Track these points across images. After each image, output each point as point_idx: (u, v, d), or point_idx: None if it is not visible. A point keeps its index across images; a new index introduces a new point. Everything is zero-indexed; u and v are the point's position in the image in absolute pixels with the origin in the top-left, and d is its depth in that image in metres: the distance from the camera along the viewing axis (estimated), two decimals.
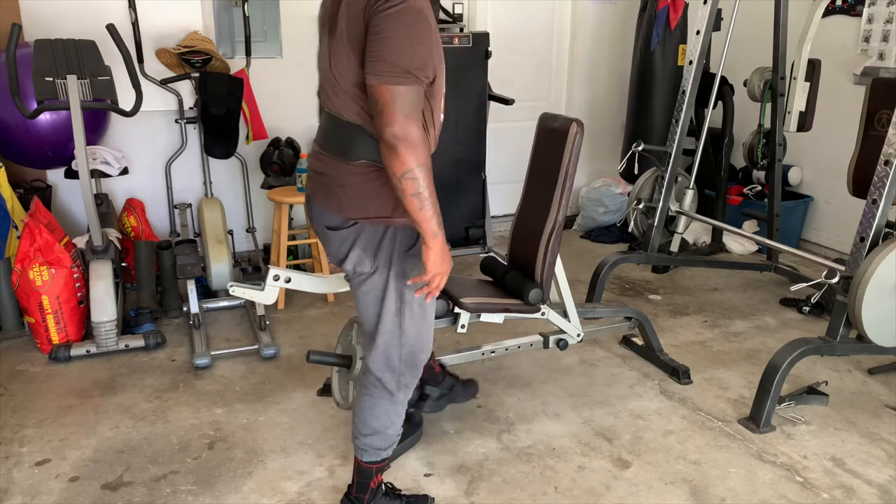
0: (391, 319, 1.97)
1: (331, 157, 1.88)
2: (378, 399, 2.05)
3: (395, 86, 1.67)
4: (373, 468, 2.12)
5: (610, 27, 5.29)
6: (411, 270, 1.93)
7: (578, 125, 2.62)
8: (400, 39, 1.67)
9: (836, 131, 4.43)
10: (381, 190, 1.85)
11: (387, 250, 1.91)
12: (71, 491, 2.35)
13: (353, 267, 1.93)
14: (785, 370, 2.69)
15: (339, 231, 1.91)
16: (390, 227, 1.89)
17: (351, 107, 1.80)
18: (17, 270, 3.26)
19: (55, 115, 3.56)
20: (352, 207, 1.87)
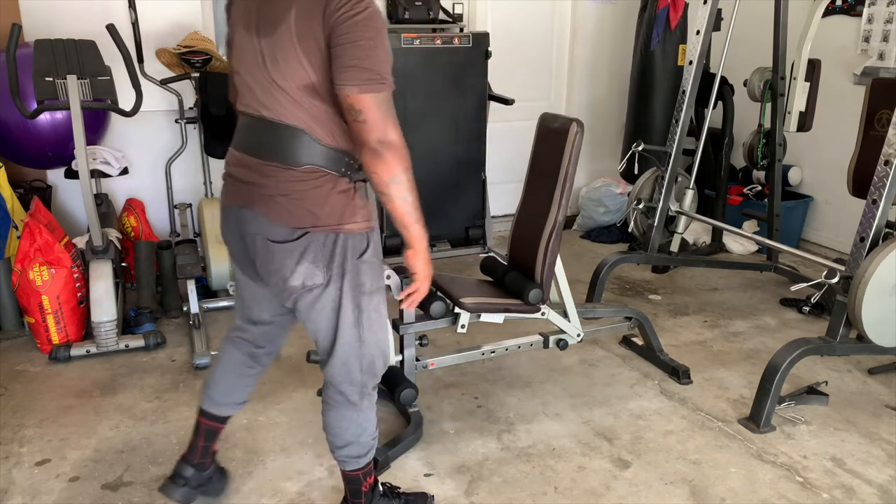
0: (350, 332, 1.89)
1: (267, 164, 1.77)
2: (344, 411, 2.00)
3: (375, 93, 1.65)
4: (359, 474, 2.08)
5: (610, 27, 5.29)
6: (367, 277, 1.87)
7: (578, 125, 2.62)
8: (373, 46, 1.65)
9: (836, 131, 4.43)
10: (329, 196, 1.78)
11: (339, 259, 1.82)
12: (71, 491, 2.35)
13: (303, 281, 1.80)
14: (785, 370, 2.69)
15: (285, 244, 1.78)
16: (341, 235, 1.80)
17: (293, 110, 1.72)
18: (17, 270, 3.26)
19: (55, 115, 3.56)
20: (300, 216, 1.76)
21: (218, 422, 2.17)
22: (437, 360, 2.77)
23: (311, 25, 1.63)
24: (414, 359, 2.71)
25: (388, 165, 1.69)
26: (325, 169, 1.77)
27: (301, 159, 1.75)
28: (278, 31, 1.67)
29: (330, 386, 2.00)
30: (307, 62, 1.66)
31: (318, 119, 1.73)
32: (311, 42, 1.65)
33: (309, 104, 1.71)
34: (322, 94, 1.70)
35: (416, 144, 4.81)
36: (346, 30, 1.62)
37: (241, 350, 2.13)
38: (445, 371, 3.10)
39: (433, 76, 4.36)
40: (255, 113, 1.77)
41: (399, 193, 1.73)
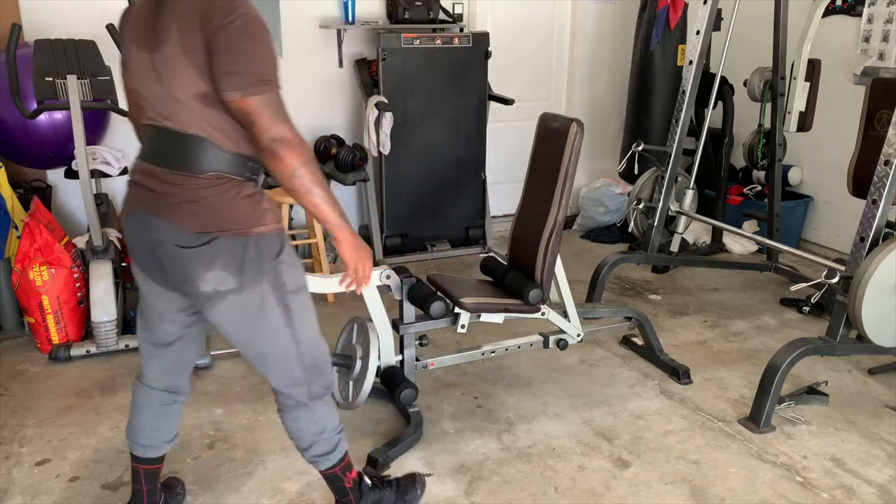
0: (283, 333, 1.89)
1: (171, 172, 1.78)
2: (298, 413, 2.00)
3: (258, 95, 1.68)
4: (336, 471, 2.08)
5: (610, 27, 5.29)
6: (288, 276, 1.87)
7: (578, 125, 2.62)
8: (250, 51, 1.68)
9: (836, 131, 4.43)
10: (235, 201, 1.79)
11: (253, 264, 1.81)
12: (71, 491, 2.35)
13: (214, 287, 1.79)
14: (785, 370, 2.69)
15: (194, 249, 1.78)
16: (251, 239, 1.80)
17: (193, 119, 1.75)
18: (17, 270, 3.26)
19: (55, 115, 3.56)
20: (207, 222, 1.77)
21: (154, 463, 2.12)
22: (437, 360, 2.77)
23: (193, 37, 1.67)
24: (414, 359, 2.71)
25: (285, 162, 1.71)
26: (229, 175, 1.79)
27: (204, 167, 1.77)
28: (166, 46, 1.71)
29: (277, 392, 1.99)
30: (196, 73, 1.69)
31: (218, 126, 1.76)
32: (196, 53, 1.68)
33: (207, 113, 1.74)
34: (217, 102, 1.72)
35: (416, 144, 4.87)
36: (222, 38, 1.66)
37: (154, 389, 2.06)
38: (445, 371, 3.10)
39: (433, 76, 4.36)
40: (158, 124, 1.79)
41: (304, 187, 1.74)
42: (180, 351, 2.03)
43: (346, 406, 2.61)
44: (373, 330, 2.56)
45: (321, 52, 4.53)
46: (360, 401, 2.54)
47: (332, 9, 4.49)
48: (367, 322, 2.60)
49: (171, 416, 2.10)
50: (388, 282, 2.59)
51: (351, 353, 2.62)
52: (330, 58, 4.56)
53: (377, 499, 2.18)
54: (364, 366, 2.54)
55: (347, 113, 4.70)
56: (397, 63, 4.26)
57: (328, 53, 4.55)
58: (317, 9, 4.46)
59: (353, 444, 2.59)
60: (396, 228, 4.53)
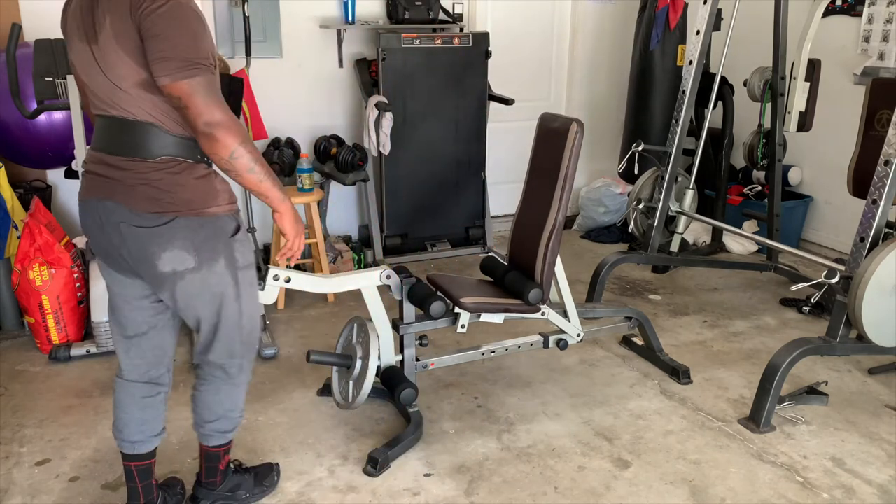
0: (232, 306, 1.97)
1: (125, 159, 1.82)
2: (220, 385, 2.08)
3: (187, 80, 1.69)
4: (220, 451, 2.16)
5: (610, 27, 5.29)
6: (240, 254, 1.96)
7: (578, 125, 2.62)
8: (178, 36, 1.70)
9: (836, 131, 4.43)
10: (188, 182, 1.84)
11: (210, 242, 1.89)
12: (71, 491, 2.35)
13: (173, 267, 1.85)
14: (785, 370, 2.69)
15: (151, 229, 1.83)
16: (207, 219, 1.87)
17: (140, 106, 1.78)
18: (17, 270, 3.26)
19: (55, 115, 3.56)
20: (163, 203, 1.82)
21: (145, 459, 2.12)
22: (437, 360, 2.77)
23: (125, 27, 1.70)
24: (414, 359, 2.71)
25: (223, 143, 1.74)
26: (180, 157, 1.83)
27: (155, 151, 1.81)
28: (102, 37, 1.73)
29: (209, 364, 2.05)
30: (134, 62, 1.72)
31: (165, 111, 1.79)
32: (130, 42, 1.71)
33: (151, 99, 1.77)
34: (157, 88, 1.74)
35: (416, 144, 4.87)
36: (150, 24, 1.68)
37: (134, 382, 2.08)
38: (445, 371, 3.10)
39: (433, 76, 4.36)
40: (107, 114, 1.82)
41: (244, 167, 1.79)
42: (155, 340, 2.05)
43: (346, 406, 2.61)
44: (373, 330, 2.56)
45: (321, 52, 4.53)
46: (360, 401, 2.54)
47: (332, 9, 4.49)
48: (367, 322, 2.60)
49: (155, 409, 2.10)
50: (388, 282, 2.59)
51: (351, 353, 2.62)
52: (330, 58, 4.56)
53: (238, 482, 2.27)
54: (364, 366, 2.54)
55: (347, 113, 4.70)
56: (397, 63, 4.26)
57: (328, 53, 4.55)
58: (317, 9, 4.46)
59: (353, 443, 2.60)
60: (396, 228, 4.53)
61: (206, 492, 2.23)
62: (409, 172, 4.46)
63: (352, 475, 2.44)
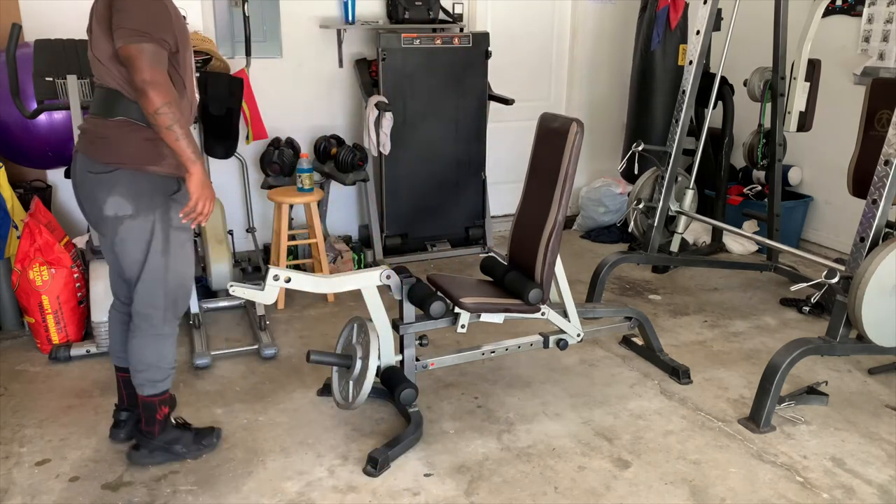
0: (158, 259, 2.27)
1: (95, 118, 2.25)
2: (147, 337, 2.35)
3: (136, 44, 2.07)
4: (155, 401, 2.41)
5: (610, 27, 5.29)
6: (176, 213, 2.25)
7: (578, 125, 2.62)
8: (134, 10, 2.09)
9: (836, 131, 4.43)
10: (135, 140, 2.20)
11: (147, 196, 2.22)
12: (71, 491, 2.35)
13: (115, 212, 2.21)
14: (785, 370, 2.69)
15: (99, 175, 2.21)
16: (147, 175, 2.21)
17: (110, 76, 2.19)
18: (17, 270, 3.26)
19: (55, 115, 3.56)
20: (110, 153, 2.20)
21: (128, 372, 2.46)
22: (437, 360, 2.77)
23: (105, 8, 2.13)
24: (414, 359, 2.71)
25: (150, 100, 2.08)
26: (134, 120, 2.20)
27: (114, 112, 2.21)
28: (94, 20, 2.20)
29: (136, 314, 2.35)
30: (107, 38, 2.14)
31: (127, 80, 2.16)
32: (106, 21, 2.13)
33: (117, 69, 2.17)
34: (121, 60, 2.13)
35: (416, 144, 4.86)
36: (117, 5, 2.10)
37: (120, 311, 2.49)
38: (445, 371, 3.10)
39: (433, 76, 4.36)
40: (95, 83, 2.27)
41: (165, 123, 2.10)
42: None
43: (347, 406, 2.61)
44: (373, 330, 2.56)
45: (321, 52, 4.53)
46: (360, 401, 2.54)
47: (332, 9, 4.49)
48: (367, 322, 2.60)
49: None
50: (388, 282, 2.59)
51: (351, 353, 2.62)
52: (330, 58, 4.56)
53: (176, 436, 2.48)
54: (364, 366, 2.54)
55: (347, 113, 4.70)
56: (397, 63, 4.26)
57: (328, 53, 4.55)
58: (317, 9, 4.46)
59: (353, 443, 2.60)
60: (396, 228, 4.53)
61: (145, 440, 2.46)
62: (409, 172, 4.46)
63: (352, 475, 2.44)
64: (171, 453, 2.46)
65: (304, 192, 3.88)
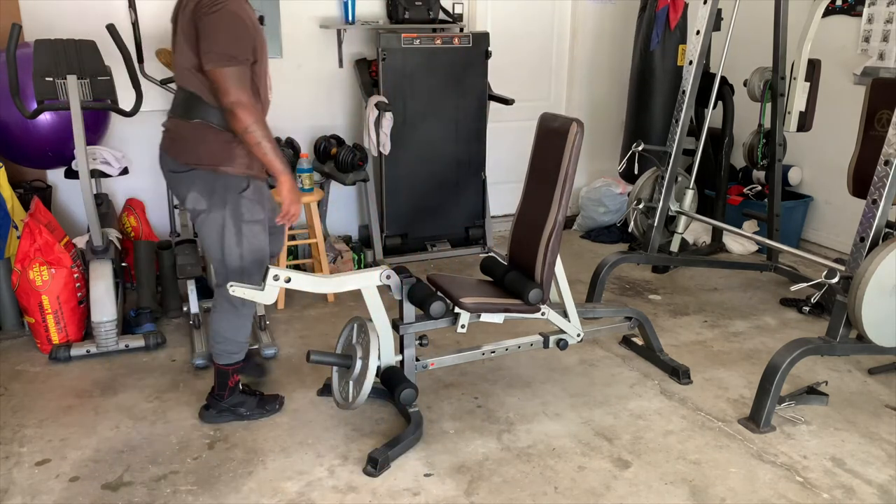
0: (232, 249, 2.50)
1: (176, 118, 2.47)
2: (227, 313, 2.59)
3: (223, 68, 2.27)
4: (229, 370, 2.66)
5: (610, 27, 5.29)
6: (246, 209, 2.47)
7: (578, 125, 2.62)
8: (221, 34, 2.28)
9: (836, 131, 4.43)
10: (210, 143, 2.41)
11: (220, 193, 2.44)
12: (71, 491, 2.35)
13: (193, 206, 2.47)
14: (785, 370, 2.69)
15: (178, 174, 2.46)
16: (220, 175, 2.42)
17: (191, 81, 2.40)
18: (17, 270, 3.26)
19: (55, 115, 3.56)
20: (188, 154, 2.43)
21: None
22: (437, 360, 2.77)
23: (189, 24, 2.32)
24: (414, 359, 2.71)
25: (240, 120, 2.30)
26: (211, 123, 2.40)
27: (193, 115, 2.42)
28: (178, 29, 2.40)
29: (218, 292, 2.58)
30: (190, 50, 2.35)
31: (208, 88, 2.37)
32: (191, 36, 2.33)
33: (198, 77, 2.37)
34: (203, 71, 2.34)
35: (416, 144, 4.86)
36: (203, 25, 2.29)
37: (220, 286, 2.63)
38: (445, 371, 3.10)
39: (433, 76, 4.36)
40: (177, 85, 2.48)
41: (254, 140, 2.34)
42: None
43: (347, 406, 2.61)
44: (373, 330, 2.56)
45: (321, 52, 4.53)
46: (360, 401, 2.54)
47: (332, 9, 4.49)
48: (367, 322, 2.60)
49: None
50: (388, 282, 2.59)
51: (351, 353, 2.62)
52: (330, 58, 4.56)
53: (242, 401, 2.73)
54: (364, 366, 2.54)
55: (347, 113, 4.70)
56: (397, 63, 4.26)
57: (328, 53, 4.55)
58: (317, 9, 4.46)
59: (353, 443, 2.61)
60: (396, 228, 4.53)
61: (214, 402, 2.72)
62: (409, 172, 4.46)
63: (352, 475, 2.44)
64: (236, 415, 2.72)
65: (304, 192, 3.88)
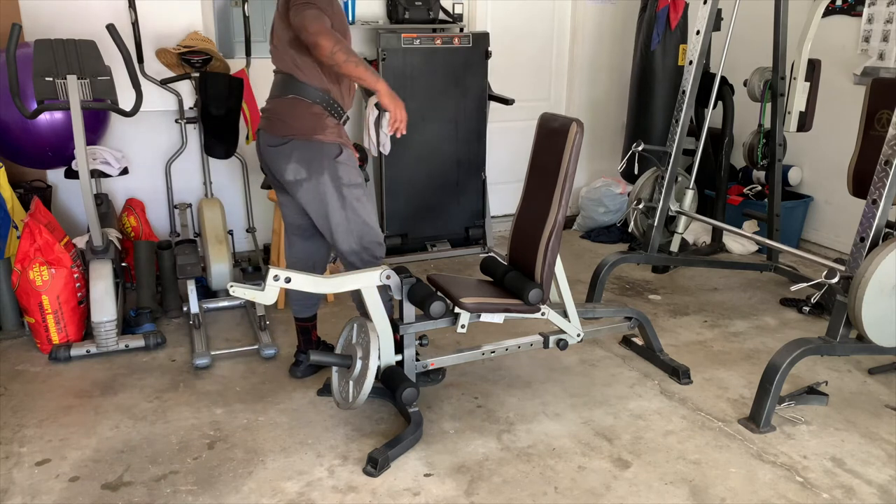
0: (338, 213, 2.64)
1: (273, 99, 2.68)
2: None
3: (304, 11, 2.44)
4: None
5: (610, 27, 5.30)
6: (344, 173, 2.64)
7: (578, 125, 2.62)
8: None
9: (836, 131, 4.43)
10: (303, 115, 2.60)
11: (317, 161, 2.61)
12: (71, 491, 2.35)
13: (294, 176, 2.61)
14: (785, 370, 2.69)
15: (278, 148, 2.63)
16: (315, 143, 2.60)
17: (283, 60, 2.63)
18: (17, 270, 3.26)
19: (55, 115, 3.56)
20: (284, 128, 2.62)
21: (306, 322, 3.05)
22: (437, 360, 2.77)
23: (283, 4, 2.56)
24: (414, 359, 2.71)
25: (323, 46, 2.43)
26: (303, 98, 2.62)
27: (287, 91, 2.63)
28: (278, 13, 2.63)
29: (344, 263, 2.78)
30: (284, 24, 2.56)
31: (299, 65, 2.60)
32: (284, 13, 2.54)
33: (290, 54, 2.59)
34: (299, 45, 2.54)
35: (416, 144, 4.87)
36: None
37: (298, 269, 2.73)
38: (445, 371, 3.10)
39: (433, 76, 4.36)
40: (275, 68, 2.70)
41: (341, 58, 2.46)
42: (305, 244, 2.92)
43: (347, 406, 2.61)
44: (373, 330, 2.56)
45: None
46: (360, 401, 2.54)
47: None
48: (367, 322, 2.60)
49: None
50: (388, 282, 2.59)
51: (351, 352, 2.62)
52: None
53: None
54: (364, 366, 2.54)
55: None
56: (397, 63, 4.26)
57: None
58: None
59: (353, 443, 2.61)
60: (396, 228, 4.53)
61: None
62: (409, 172, 4.46)
63: (352, 475, 2.44)
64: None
65: None
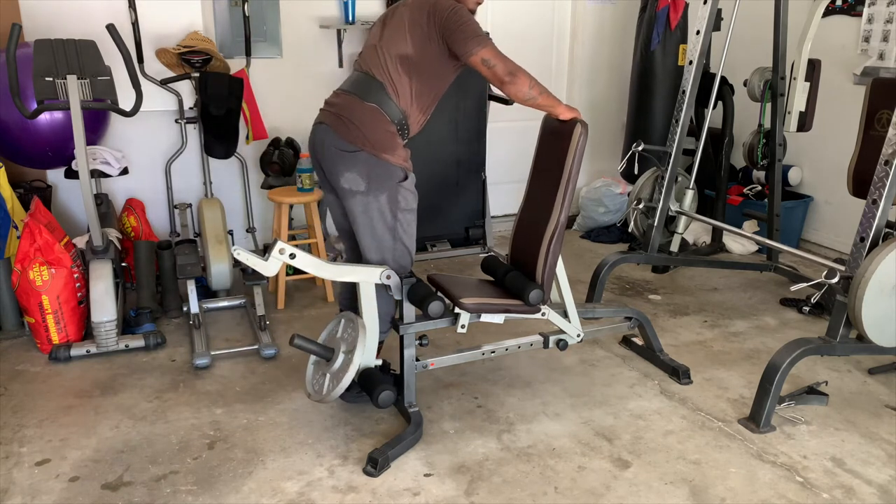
0: (385, 234, 2.58)
1: (350, 95, 2.56)
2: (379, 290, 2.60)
3: (487, 46, 2.45)
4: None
5: (610, 27, 5.30)
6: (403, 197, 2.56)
7: (582, 126, 2.62)
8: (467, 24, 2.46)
9: (836, 131, 4.43)
10: (379, 130, 2.50)
11: (380, 179, 2.51)
12: (71, 491, 2.35)
13: (349, 186, 2.52)
14: (785, 370, 2.69)
15: (343, 153, 2.51)
16: (382, 162, 2.50)
17: (382, 70, 2.53)
18: (17, 270, 3.26)
19: (55, 115, 3.56)
20: (355, 136, 2.50)
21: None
22: (437, 360, 2.77)
23: (422, 22, 2.49)
24: (414, 359, 2.71)
25: (518, 86, 2.48)
26: (384, 112, 2.52)
27: (370, 98, 2.52)
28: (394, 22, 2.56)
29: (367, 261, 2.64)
30: (410, 43, 2.50)
31: (395, 80, 2.51)
32: (419, 32, 2.49)
33: (393, 67, 2.51)
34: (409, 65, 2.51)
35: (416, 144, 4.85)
36: (448, 23, 2.45)
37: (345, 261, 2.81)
38: (445, 371, 3.10)
39: None
40: (360, 70, 2.61)
41: (531, 95, 2.52)
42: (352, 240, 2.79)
43: (318, 398, 2.57)
44: (362, 326, 2.55)
45: (321, 52, 4.53)
46: (334, 395, 2.48)
47: (332, 9, 4.50)
48: (357, 318, 2.59)
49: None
50: (388, 281, 2.59)
51: (334, 346, 2.62)
52: (330, 58, 4.56)
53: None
54: (347, 360, 2.52)
55: None
56: None
57: (328, 53, 4.55)
58: (317, 9, 4.46)
59: (353, 443, 2.61)
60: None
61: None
62: None
63: (352, 475, 2.44)
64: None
65: (304, 192, 3.88)
